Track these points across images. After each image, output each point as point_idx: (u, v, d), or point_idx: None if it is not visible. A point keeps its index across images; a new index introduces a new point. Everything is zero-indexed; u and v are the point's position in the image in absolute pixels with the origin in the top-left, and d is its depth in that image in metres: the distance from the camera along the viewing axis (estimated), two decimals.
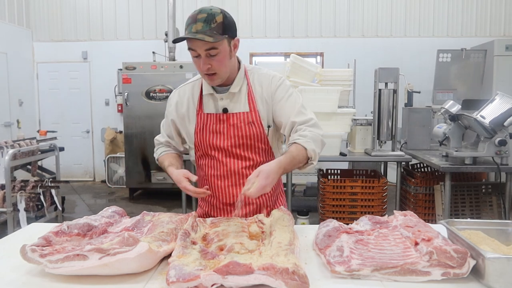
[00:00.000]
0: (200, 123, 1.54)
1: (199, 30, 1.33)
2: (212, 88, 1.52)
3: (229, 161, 1.53)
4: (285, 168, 1.32)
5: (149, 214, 1.44)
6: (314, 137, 1.42)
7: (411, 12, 6.71)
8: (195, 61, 1.42)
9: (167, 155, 1.66)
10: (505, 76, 5.55)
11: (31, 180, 4.01)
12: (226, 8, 1.54)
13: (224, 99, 1.51)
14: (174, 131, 1.64)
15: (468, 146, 3.26)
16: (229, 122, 1.51)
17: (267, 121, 1.53)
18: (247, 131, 1.50)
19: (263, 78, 1.54)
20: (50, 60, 7.12)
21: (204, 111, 1.54)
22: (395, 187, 3.76)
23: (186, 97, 1.58)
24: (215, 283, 0.95)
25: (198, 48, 1.37)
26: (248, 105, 1.51)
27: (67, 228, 1.22)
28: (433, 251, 1.03)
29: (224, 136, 1.51)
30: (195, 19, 1.35)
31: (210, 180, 1.57)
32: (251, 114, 1.51)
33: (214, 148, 1.53)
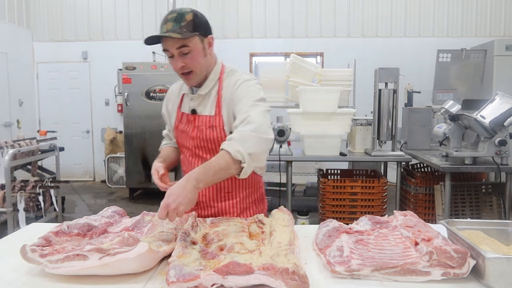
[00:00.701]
0: (177, 120, 1.61)
1: (169, 29, 1.36)
2: (189, 88, 1.56)
3: (193, 161, 1.57)
4: (197, 179, 1.21)
5: (149, 214, 1.44)
6: (242, 136, 1.29)
7: (411, 12, 6.71)
8: (170, 61, 1.44)
9: (164, 148, 1.74)
10: (505, 76, 5.54)
11: (31, 180, 4.01)
12: (226, 8, 1.55)
13: (195, 100, 1.54)
14: (169, 124, 1.71)
15: (468, 146, 3.26)
16: (194, 123, 1.53)
17: (229, 127, 1.48)
18: (208, 134, 1.50)
19: (231, 81, 1.51)
20: (50, 60, 7.12)
21: (181, 109, 1.60)
22: (395, 187, 3.76)
23: (174, 94, 1.65)
24: (215, 283, 0.95)
25: (170, 47, 1.39)
26: (214, 109, 1.51)
27: (67, 228, 1.22)
28: (433, 251, 1.03)
29: (189, 136, 1.55)
30: (166, 19, 1.39)
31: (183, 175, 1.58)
32: (215, 118, 1.50)
33: (183, 146, 1.59)
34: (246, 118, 1.36)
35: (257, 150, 1.30)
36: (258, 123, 1.34)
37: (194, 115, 1.54)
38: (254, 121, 1.34)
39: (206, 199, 1.58)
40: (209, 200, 1.58)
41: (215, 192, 1.57)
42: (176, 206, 1.14)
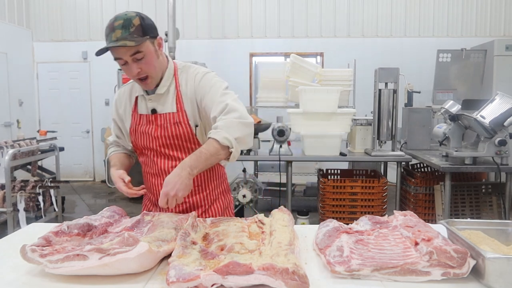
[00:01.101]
0: (133, 123, 1.58)
1: (119, 37, 1.34)
2: (143, 90, 1.54)
3: (159, 161, 1.55)
4: (191, 166, 1.31)
5: (149, 214, 1.44)
6: (226, 124, 1.36)
7: (411, 12, 6.71)
8: (124, 69, 1.43)
9: (114, 155, 1.67)
10: (505, 76, 5.55)
11: (31, 180, 4.01)
12: (226, 8, 1.56)
13: (153, 100, 1.52)
14: (118, 130, 1.67)
15: (468, 146, 3.26)
16: (156, 122, 1.52)
17: (194, 121, 1.51)
18: (174, 131, 1.50)
19: (189, 76, 1.53)
20: (50, 60, 7.12)
21: (138, 111, 1.57)
22: (395, 187, 3.76)
23: (125, 98, 1.61)
24: (215, 283, 0.95)
25: (123, 55, 1.38)
26: (175, 106, 1.51)
27: (67, 228, 1.22)
28: (433, 251, 1.03)
29: (152, 137, 1.53)
30: (112, 27, 1.35)
31: (147, 178, 1.63)
32: (178, 114, 1.50)
33: (146, 147, 1.56)
34: (226, 107, 1.40)
35: (242, 134, 1.38)
36: (240, 110, 1.41)
37: (155, 115, 1.52)
38: (235, 108, 1.40)
39: None
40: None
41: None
42: (175, 193, 1.26)
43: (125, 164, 1.64)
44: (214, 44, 6.89)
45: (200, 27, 6.92)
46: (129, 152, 1.72)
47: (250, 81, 6.88)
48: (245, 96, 6.80)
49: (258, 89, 4.58)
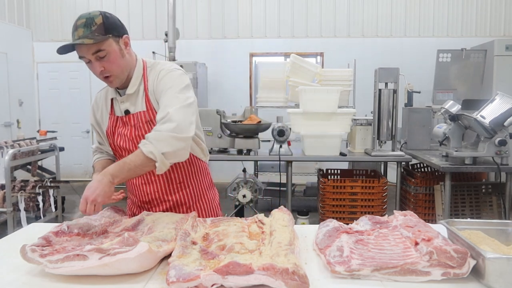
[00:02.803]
0: (110, 126, 1.57)
1: (80, 36, 1.35)
2: (116, 92, 1.54)
3: None
4: (113, 175, 1.32)
5: (149, 214, 1.44)
6: (157, 137, 1.33)
7: (411, 12, 6.71)
8: (89, 67, 1.42)
9: (98, 162, 1.66)
10: (505, 76, 5.55)
11: (31, 180, 4.01)
12: (226, 8, 1.55)
13: (125, 101, 1.52)
14: (98, 136, 1.67)
15: (468, 146, 3.26)
16: (130, 123, 1.51)
17: None
18: (147, 130, 1.48)
19: (154, 73, 1.51)
20: (50, 60, 7.11)
21: (115, 114, 1.57)
22: (395, 187, 3.76)
23: (101, 102, 1.61)
24: (215, 283, 0.95)
25: (85, 54, 1.38)
26: (145, 104, 1.50)
27: (67, 228, 1.22)
28: (433, 251, 1.03)
29: (127, 138, 1.52)
30: (76, 26, 1.37)
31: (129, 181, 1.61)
32: (148, 112, 1.49)
33: (122, 149, 1.55)
34: (165, 116, 1.37)
35: (172, 148, 1.34)
36: (177, 122, 1.35)
37: (128, 116, 1.52)
38: (173, 119, 1.35)
39: (159, 194, 1.58)
40: (163, 195, 1.58)
41: (166, 185, 1.58)
42: (94, 198, 1.27)
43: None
44: (214, 44, 6.89)
45: (200, 27, 6.92)
46: (113, 158, 1.69)
47: (250, 81, 6.88)
48: (245, 96, 6.80)
49: (258, 89, 4.58)
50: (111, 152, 1.67)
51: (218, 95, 6.77)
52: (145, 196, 1.59)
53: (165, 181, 1.57)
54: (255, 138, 3.68)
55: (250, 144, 3.65)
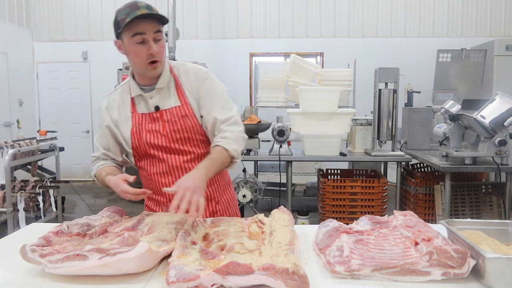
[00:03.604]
0: (135, 124, 1.53)
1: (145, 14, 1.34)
2: (140, 89, 1.52)
3: (169, 158, 1.53)
4: (207, 169, 1.34)
5: (149, 214, 1.44)
6: (234, 137, 1.46)
7: (411, 12, 6.71)
8: (138, 48, 1.39)
9: (104, 168, 1.58)
10: (505, 76, 5.55)
11: (31, 180, 4.01)
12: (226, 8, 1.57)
13: (154, 97, 1.51)
14: (111, 139, 1.59)
15: (468, 146, 3.26)
16: (162, 118, 1.50)
17: (199, 113, 1.53)
18: (182, 124, 1.50)
19: (189, 72, 1.55)
20: (50, 60, 7.12)
21: (138, 111, 1.54)
22: (395, 187, 3.76)
23: (116, 103, 1.57)
24: (215, 283, 0.95)
25: (148, 31, 1.37)
26: (179, 99, 1.51)
27: (67, 228, 1.22)
28: (433, 251, 1.03)
29: (160, 134, 1.50)
30: (136, 6, 1.36)
31: (153, 179, 1.57)
32: (183, 107, 1.50)
33: (152, 146, 1.52)
34: (231, 118, 1.50)
35: (242, 148, 1.50)
36: (242, 126, 1.53)
37: (159, 111, 1.51)
38: (239, 123, 1.52)
39: None
40: None
41: None
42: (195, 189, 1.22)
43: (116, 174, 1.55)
44: (214, 44, 6.89)
45: (200, 27, 6.92)
46: (117, 166, 1.63)
47: (250, 81, 6.88)
48: (245, 96, 6.80)
49: (258, 89, 4.58)
50: (118, 159, 1.63)
51: None
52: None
53: None
54: (255, 138, 3.68)
55: (250, 144, 3.65)
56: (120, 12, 1.38)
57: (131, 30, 1.37)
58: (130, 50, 1.41)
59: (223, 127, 1.47)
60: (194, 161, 1.53)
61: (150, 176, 1.58)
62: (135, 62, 1.44)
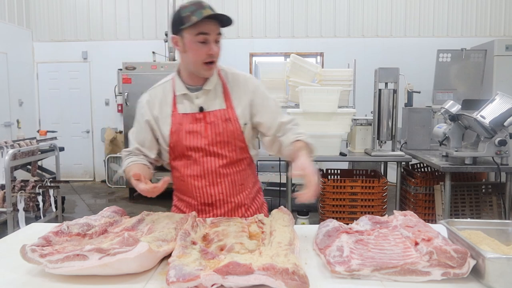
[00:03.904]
0: (175, 124, 1.51)
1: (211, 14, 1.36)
2: (186, 88, 1.52)
3: (205, 160, 1.52)
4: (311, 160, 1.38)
5: (149, 214, 1.43)
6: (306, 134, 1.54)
7: (411, 12, 6.71)
8: (199, 47, 1.40)
9: (133, 165, 1.53)
10: (505, 76, 5.55)
11: (31, 180, 4.01)
12: (226, 8, 1.57)
13: (200, 97, 1.51)
14: (149, 134, 1.56)
15: (468, 146, 3.26)
16: (205, 120, 1.50)
17: (243, 119, 1.53)
18: (224, 128, 1.50)
19: (238, 77, 1.57)
20: (50, 60, 7.12)
21: (178, 111, 1.52)
22: (395, 187, 3.76)
23: (158, 99, 1.56)
24: (215, 283, 0.94)
25: (212, 32, 1.39)
26: (224, 102, 1.52)
27: (67, 228, 1.22)
28: (433, 251, 1.03)
29: (201, 135, 1.50)
30: (201, 5, 1.38)
31: (186, 181, 1.56)
32: (228, 111, 1.51)
33: (190, 148, 1.51)
34: (293, 121, 1.59)
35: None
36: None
37: (203, 112, 1.50)
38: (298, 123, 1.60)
39: (223, 196, 1.56)
40: (226, 196, 1.56)
41: (230, 187, 1.56)
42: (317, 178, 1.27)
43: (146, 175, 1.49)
44: None
45: None
46: (148, 164, 1.59)
47: None
48: None
49: None
50: (151, 156, 1.58)
51: None
52: (209, 197, 1.55)
53: (229, 182, 1.56)
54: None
55: None
56: (185, 9, 1.38)
57: (196, 29, 1.37)
58: (190, 48, 1.41)
59: (291, 126, 1.54)
60: (228, 166, 1.53)
61: (183, 178, 1.56)
62: (192, 61, 1.44)
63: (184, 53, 1.45)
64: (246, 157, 1.59)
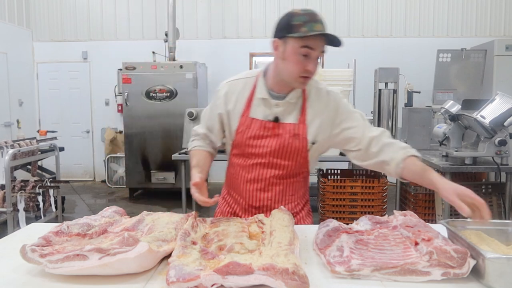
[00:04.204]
0: (243, 125, 1.49)
1: (322, 30, 1.32)
2: (267, 93, 1.47)
3: (263, 168, 1.51)
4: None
5: (149, 214, 1.43)
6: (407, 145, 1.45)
7: (411, 12, 6.71)
8: (300, 60, 1.35)
9: (199, 151, 1.59)
10: (505, 76, 5.54)
11: (31, 180, 4.01)
12: (226, 8, 1.55)
13: (279, 106, 1.47)
14: (217, 124, 1.56)
15: (468, 146, 3.26)
16: (274, 131, 1.47)
17: (314, 137, 1.48)
18: (291, 143, 1.46)
19: (320, 93, 1.51)
20: (50, 60, 7.12)
21: (250, 114, 1.49)
22: (395, 187, 3.76)
23: (236, 93, 1.52)
24: (215, 283, 0.95)
25: (318, 48, 1.35)
26: (298, 117, 1.47)
27: (67, 228, 1.22)
28: (433, 251, 1.03)
29: (265, 144, 1.47)
30: (315, 19, 1.33)
31: (239, 180, 1.56)
32: (299, 126, 1.47)
33: (251, 153, 1.50)
34: (384, 131, 1.48)
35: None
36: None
37: (276, 123, 1.46)
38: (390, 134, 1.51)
39: (271, 202, 1.55)
40: (274, 203, 1.55)
41: (281, 195, 1.55)
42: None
43: (206, 166, 1.56)
44: (214, 44, 6.89)
45: (200, 27, 6.92)
46: (213, 150, 1.63)
47: None
48: None
49: None
50: (217, 143, 1.61)
51: None
52: (257, 201, 1.55)
53: (280, 191, 1.54)
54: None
55: None
56: (297, 17, 1.33)
57: (303, 41, 1.33)
58: (290, 57, 1.37)
59: (387, 140, 1.45)
60: (283, 177, 1.52)
61: (237, 176, 1.56)
62: (289, 71, 1.39)
63: (282, 60, 1.39)
64: (304, 171, 1.56)
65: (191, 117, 4.10)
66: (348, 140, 1.49)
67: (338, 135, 1.50)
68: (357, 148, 1.48)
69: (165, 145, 5.77)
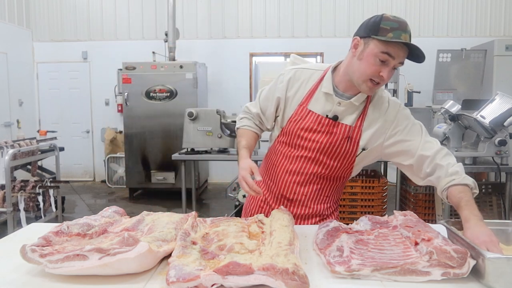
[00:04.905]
0: (297, 115, 1.47)
1: (408, 40, 1.31)
2: (333, 90, 1.45)
3: (305, 161, 1.49)
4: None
5: (149, 214, 1.43)
6: (460, 166, 1.40)
7: (411, 12, 6.71)
8: (376, 63, 1.32)
9: (248, 132, 1.58)
10: (505, 76, 5.55)
11: (31, 180, 4.01)
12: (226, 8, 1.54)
13: (342, 106, 1.44)
14: (272, 107, 1.54)
15: (468, 146, 3.26)
16: (328, 129, 1.45)
17: (365, 143, 1.46)
18: (341, 144, 1.44)
19: (382, 101, 1.48)
20: (50, 60, 7.12)
21: (308, 106, 1.47)
22: (395, 187, 3.76)
23: (300, 81, 1.50)
24: (215, 283, 0.95)
25: (398, 58, 1.32)
26: (355, 121, 1.45)
27: (67, 228, 1.22)
28: (433, 251, 1.03)
29: (316, 140, 1.46)
30: (404, 27, 1.30)
31: (278, 169, 1.54)
32: (354, 129, 1.44)
33: (299, 144, 1.48)
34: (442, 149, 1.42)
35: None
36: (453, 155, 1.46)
37: (333, 122, 1.44)
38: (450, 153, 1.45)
39: (305, 198, 1.54)
40: (308, 200, 1.54)
41: (316, 195, 1.54)
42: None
43: (252, 147, 1.54)
44: (214, 44, 6.89)
45: (200, 27, 6.92)
46: (260, 132, 1.62)
47: (250, 81, 6.88)
48: (245, 96, 6.80)
49: (258, 89, 4.58)
50: (266, 126, 1.60)
51: (218, 95, 6.77)
52: (292, 194, 1.54)
53: (318, 189, 1.53)
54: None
55: None
56: (388, 21, 1.30)
57: (386, 46, 1.30)
58: (367, 59, 1.33)
59: (440, 162, 1.38)
60: (325, 177, 1.51)
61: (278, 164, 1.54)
62: (361, 71, 1.36)
63: (358, 59, 1.36)
64: (344, 176, 1.55)
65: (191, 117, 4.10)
66: (400, 153, 1.46)
67: (391, 146, 1.46)
68: (408, 163, 1.44)
69: (165, 145, 5.77)
